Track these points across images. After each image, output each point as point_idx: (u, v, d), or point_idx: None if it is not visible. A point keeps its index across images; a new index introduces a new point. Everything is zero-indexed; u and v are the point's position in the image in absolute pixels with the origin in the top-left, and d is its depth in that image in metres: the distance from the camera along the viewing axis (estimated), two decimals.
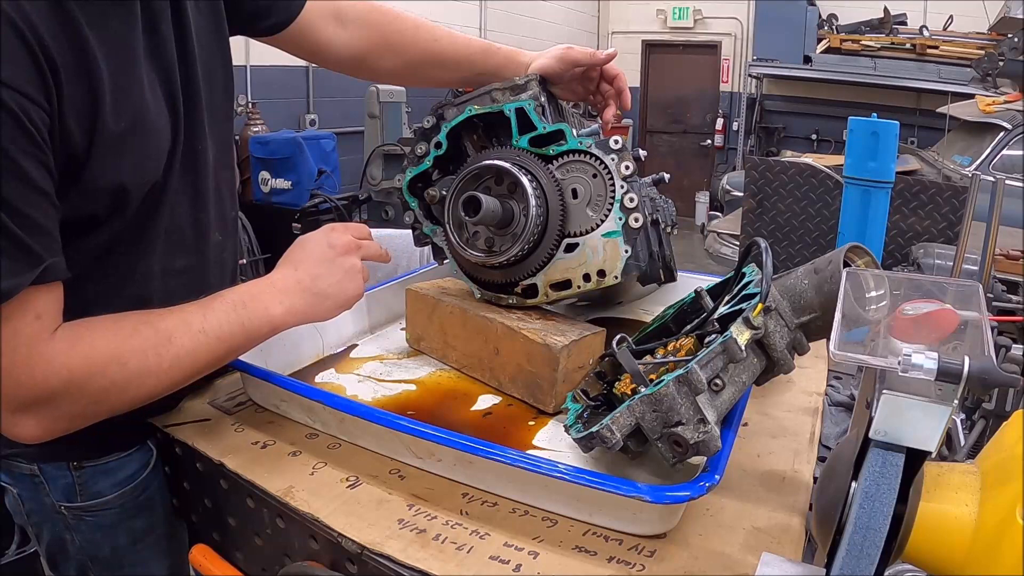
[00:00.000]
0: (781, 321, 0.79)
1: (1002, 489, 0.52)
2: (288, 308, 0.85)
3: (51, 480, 0.90)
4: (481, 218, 0.96)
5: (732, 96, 8.98)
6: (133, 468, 0.93)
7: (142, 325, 0.77)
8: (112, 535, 0.94)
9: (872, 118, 1.84)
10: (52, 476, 0.90)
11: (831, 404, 1.21)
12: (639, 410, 0.73)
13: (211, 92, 0.93)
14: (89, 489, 0.91)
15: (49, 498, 0.91)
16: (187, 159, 0.89)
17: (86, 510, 0.92)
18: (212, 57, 0.93)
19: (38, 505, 0.92)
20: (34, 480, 0.90)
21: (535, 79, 1.11)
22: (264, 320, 0.84)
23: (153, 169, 0.83)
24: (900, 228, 2.39)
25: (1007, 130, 4.58)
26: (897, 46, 7.46)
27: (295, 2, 1.07)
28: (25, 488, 0.92)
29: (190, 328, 0.78)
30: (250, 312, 0.83)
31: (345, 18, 1.12)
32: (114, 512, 0.93)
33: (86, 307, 0.75)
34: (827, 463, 0.64)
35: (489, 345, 1.00)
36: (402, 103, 4.63)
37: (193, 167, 0.90)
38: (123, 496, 0.93)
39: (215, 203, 0.96)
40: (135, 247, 0.85)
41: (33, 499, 0.92)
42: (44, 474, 0.90)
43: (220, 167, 0.97)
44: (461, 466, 0.80)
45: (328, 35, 1.11)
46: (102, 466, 0.91)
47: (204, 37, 0.91)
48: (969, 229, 1.70)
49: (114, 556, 0.95)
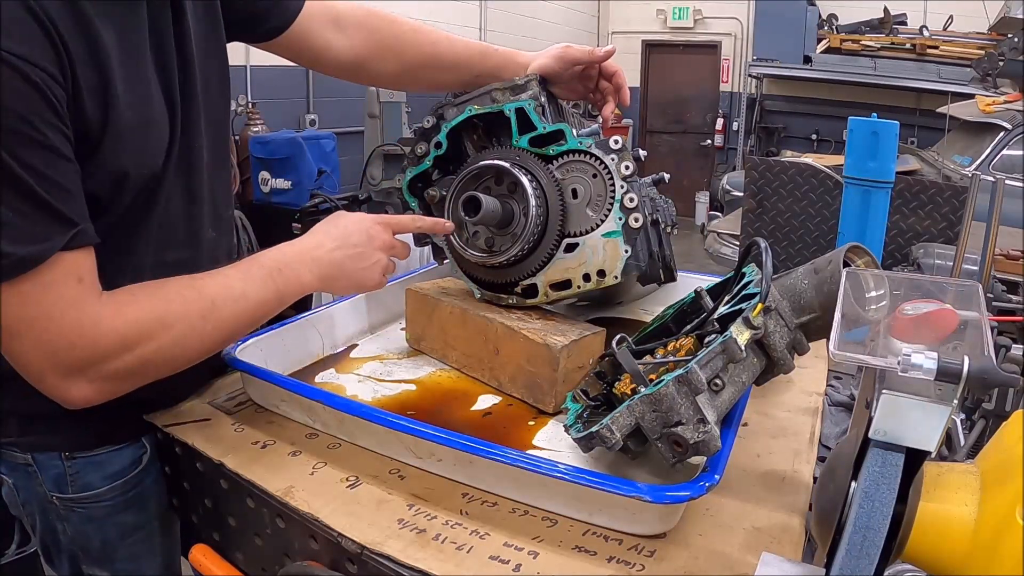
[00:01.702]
0: (781, 321, 0.79)
1: (1002, 489, 0.52)
2: (317, 276, 0.91)
3: (44, 470, 0.91)
4: (481, 218, 0.96)
5: (732, 96, 8.98)
6: (124, 463, 0.94)
7: (186, 290, 0.81)
8: (102, 528, 0.95)
9: (872, 118, 1.84)
10: (45, 466, 0.91)
11: (831, 404, 1.21)
12: (639, 410, 0.73)
13: (207, 93, 0.94)
14: (80, 480, 0.92)
15: (42, 488, 0.92)
16: (183, 156, 0.90)
17: (76, 501, 0.93)
18: (209, 59, 0.95)
19: (31, 495, 0.94)
20: (28, 469, 0.92)
21: (535, 79, 1.11)
22: (297, 286, 0.89)
23: (153, 160, 0.85)
24: (900, 228, 2.39)
25: (1007, 130, 4.58)
26: (897, 46, 7.46)
27: (292, 5, 1.07)
28: (20, 478, 0.93)
29: (231, 293, 0.83)
30: (286, 278, 0.88)
31: (343, 23, 1.13)
32: (104, 505, 0.94)
33: None
34: (827, 463, 0.64)
35: (489, 345, 1.00)
36: (402, 103, 4.63)
37: (188, 164, 0.92)
38: (113, 490, 0.94)
39: (209, 200, 0.97)
40: (128, 239, 0.87)
41: (27, 488, 0.93)
42: (37, 463, 0.91)
43: (215, 166, 0.98)
44: (461, 466, 0.80)
45: (326, 40, 1.11)
46: (93, 458, 0.92)
47: (202, 41, 0.93)
48: (969, 229, 1.70)
49: (104, 549, 0.96)
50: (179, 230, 0.93)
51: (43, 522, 0.96)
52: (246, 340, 0.99)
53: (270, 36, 1.08)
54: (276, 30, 1.07)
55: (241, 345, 0.98)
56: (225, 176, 1.04)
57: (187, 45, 0.89)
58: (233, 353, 0.95)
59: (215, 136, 0.98)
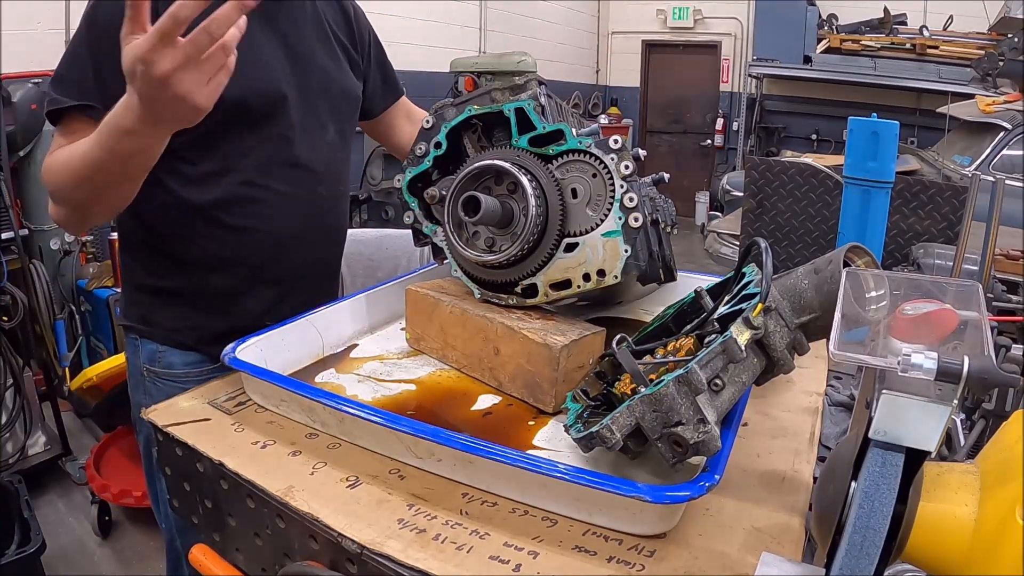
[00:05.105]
0: (781, 321, 0.79)
1: (1002, 489, 0.52)
2: (138, 116, 0.84)
3: (144, 346, 1.25)
4: (481, 218, 0.96)
5: (732, 96, 8.98)
6: (192, 360, 1.24)
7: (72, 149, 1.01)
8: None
9: (872, 118, 1.84)
10: (145, 345, 1.25)
11: (831, 404, 1.21)
12: (639, 410, 0.73)
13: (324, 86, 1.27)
14: (164, 359, 1.23)
15: (139, 360, 1.25)
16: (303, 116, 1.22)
17: (160, 376, 1.24)
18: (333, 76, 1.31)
19: (134, 368, 1.27)
20: (135, 342, 1.26)
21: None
22: (116, 131, 0.88)
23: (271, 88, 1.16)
24: (900, 228, 2.39)
25: (1007, 130, 4.58)
26: (897, 46, 7.46)
27: (387, 99, 1.49)
28: (130, 350, 1.27)
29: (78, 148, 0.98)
30: (107, 129, 0.90)
31: (413, 118, 1.53)
32: (179, 386, 1.16)
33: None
34: (827, 463, 0.64)
35: (489, 345, 1.00)
36: None
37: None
38: (188, 375, 1.22)
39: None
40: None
41: (132, 362, 1.27)
42: (141, 342, 1.25)
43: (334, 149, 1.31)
44: (461, 466, 0.80)
45: (402, 128, 1.53)
46: (173, 349, 1.24)
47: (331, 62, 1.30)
48: (969, 229, 1.70)
49: None
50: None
51: (134, 396, 1.28)
52: (246, 340, 0.99)
53: (364, 117, 1.45)
54: (370, 112, 1.46)
55: (241, 345, 0.98)
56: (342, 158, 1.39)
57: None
58: (233, 353, 0.95)
59: (330, 140, 1.33)
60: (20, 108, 2.93)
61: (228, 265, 1.22)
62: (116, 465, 2.77)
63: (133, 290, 1.29)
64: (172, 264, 1.22)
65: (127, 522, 2.73)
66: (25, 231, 3.02)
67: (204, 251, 1.20)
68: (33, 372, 2.98)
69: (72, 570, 2.46)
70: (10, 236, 2.83)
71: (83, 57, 1.05)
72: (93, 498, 2.62)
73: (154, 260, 1.23)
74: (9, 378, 2.72)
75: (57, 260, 3.25)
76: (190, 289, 1.22)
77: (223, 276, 1.22)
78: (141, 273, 1.26)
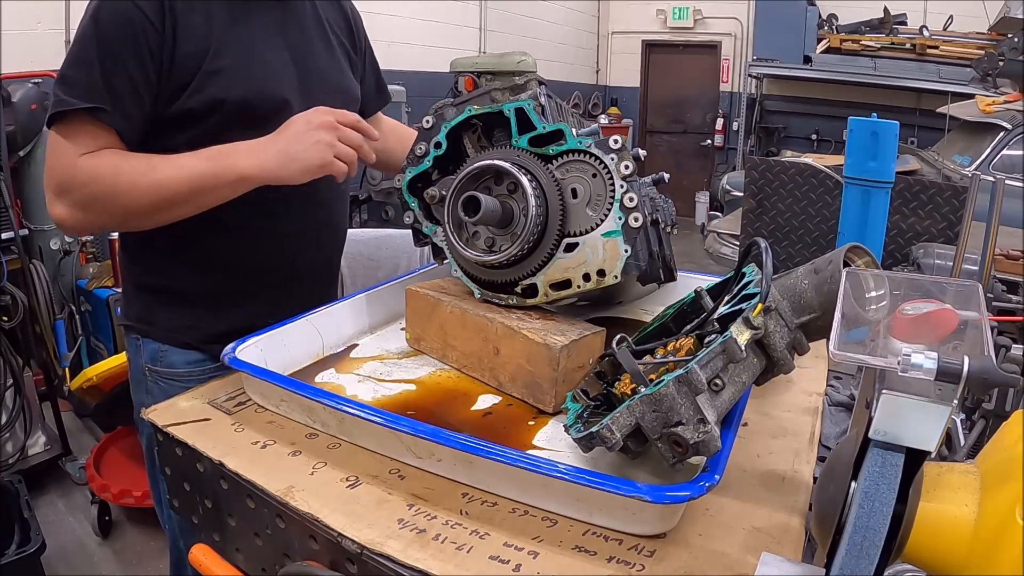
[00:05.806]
0: (781, 321, 0.79)
1: (1002, 489, 0.52)
2: (256, 163, 1.05)
3: (145, 346, 1.25)
4: (481, 218, 0.96)
5: (732, 96, 8.98)
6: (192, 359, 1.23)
7: (140, 157, 1.06)
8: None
9: (872, 118, 1.84)
10: (146, 345, 1.25)
11: (831, 404, 1.21)
12: (639, 410, 0.73)
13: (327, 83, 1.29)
14: (166, 359, 1.23)
15: (141, 359, 1.25)
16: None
17: (161, 375, 1.23)
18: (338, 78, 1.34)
19: (136, 368, 1.26)
20: (136, 342, 1.26)
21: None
22: (231, 169, 1.05)
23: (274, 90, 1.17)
24: (900, 228, 2.39)
25: (1007, 130, 4.58)
26: (897, 46, 7.46)
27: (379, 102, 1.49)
28: (131, 350, 1.27)
29: (172, 162, 1.05)
30: (223, 159, 1.05)
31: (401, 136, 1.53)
32: (180, 385, 1.16)
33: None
34: (827, 463, 0.64)
35: (489, 345, 1.00)
36: (402, 103, 4.62)
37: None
38: (191, 374, 1.21)
39: None
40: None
41: (134, 361, 1.27)
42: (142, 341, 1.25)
43: None
44: (461, 466, 0.80)
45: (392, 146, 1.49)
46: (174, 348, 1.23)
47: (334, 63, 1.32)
48: (969, 229, 1.70)
49: None
50: None
51: (136, 396, 1.28)
52: (246, 340, 0.99)
53: None
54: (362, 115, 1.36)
55: (241, 345, 0.98)
56: None
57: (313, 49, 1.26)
58: (233, 353, 0.95)
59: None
60: (20, 108, 2.92)
61: (228, 265, 1.22)
62: (116, 465, 2.76)
63: (133, 290, 1.29)
64: (172, 264, 1.22)
65: (127, 522, 2.73)
66: (25, 231, 3.02)
67: (204, 251, 1.20)
68: (33, 372, 2.98)
69: (72, 570, 2.46)
70: (10, 236, 2.82)
71: (90, 57, 1.05)
72: (93, 498, 2.62)
73: (154, 260, 1.23)
74: (9, 378, 2.71)
75: (57, 260, 3.25)
76: (190, 289, 1.23)
77: (223, 276, 1.22)
78: (141, 273, 1.26)
